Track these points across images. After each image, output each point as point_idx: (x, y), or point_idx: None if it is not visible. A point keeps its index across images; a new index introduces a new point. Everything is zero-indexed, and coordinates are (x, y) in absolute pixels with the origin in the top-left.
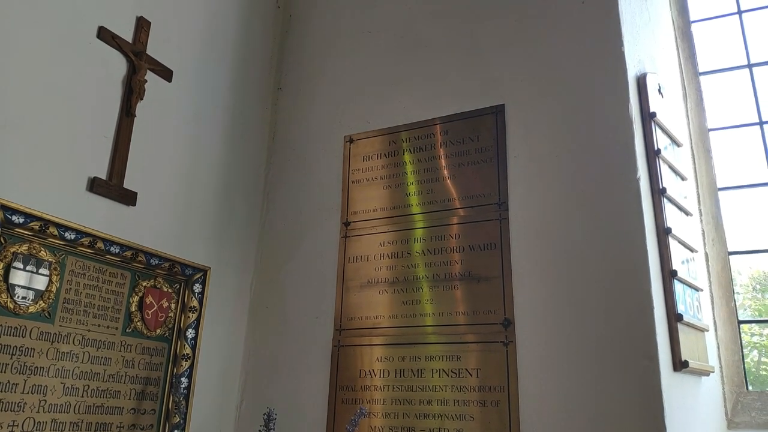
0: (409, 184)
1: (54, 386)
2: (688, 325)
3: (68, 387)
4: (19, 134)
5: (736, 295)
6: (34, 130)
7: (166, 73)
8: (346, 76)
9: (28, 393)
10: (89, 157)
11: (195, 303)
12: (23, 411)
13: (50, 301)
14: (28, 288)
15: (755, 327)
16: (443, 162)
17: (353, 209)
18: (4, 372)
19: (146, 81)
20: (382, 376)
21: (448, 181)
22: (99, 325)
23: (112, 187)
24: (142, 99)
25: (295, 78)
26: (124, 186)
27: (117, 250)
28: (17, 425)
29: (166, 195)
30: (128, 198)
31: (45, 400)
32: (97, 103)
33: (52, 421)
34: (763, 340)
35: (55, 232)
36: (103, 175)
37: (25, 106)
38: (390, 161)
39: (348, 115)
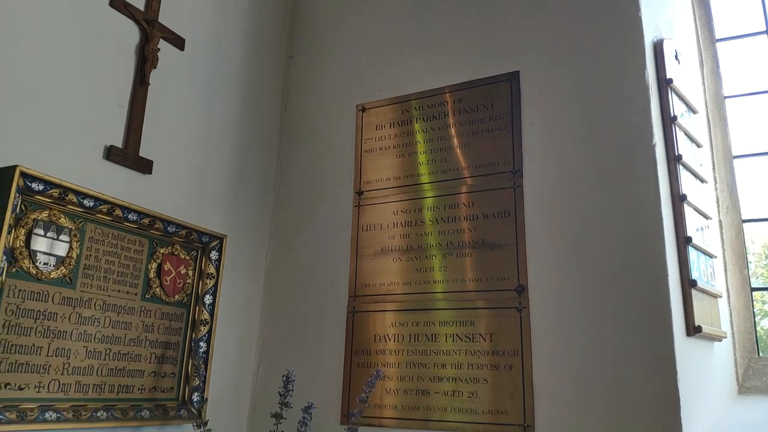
0: (422, 152)
1: (77, 350)
2: (702, 291)
3: (91, 350)
4: (36, 103)
5: (748, 263)
6: (51, 99)
7: (178, 42)
8: (359, 44)
9: (52, 356)
10: (105, 126)
11: (212, 270)
12: (48, 373)
13: (71, 267)
14: (50, 254)
15: (766, 295)
16: (457, 130)
17: (366, 178)
18: (29, 335)
19: (159, 49)
20: (396, 340)
21: (462, 149)
22: (119, 291)
23: (128, 155)
24: (155, 68)
25: (307, 46)
26: (140, 154)
27: (135, 218)
28: (43, 387)
29: (181, 164)
30: (144, 166)
31: (69, 363)
32: (111, 71)
33: (76, 383)
34: None
35: (74, 200)
36: (119, 144)
37: (42, 76)
38: (403, 130)
39: (360, 84)
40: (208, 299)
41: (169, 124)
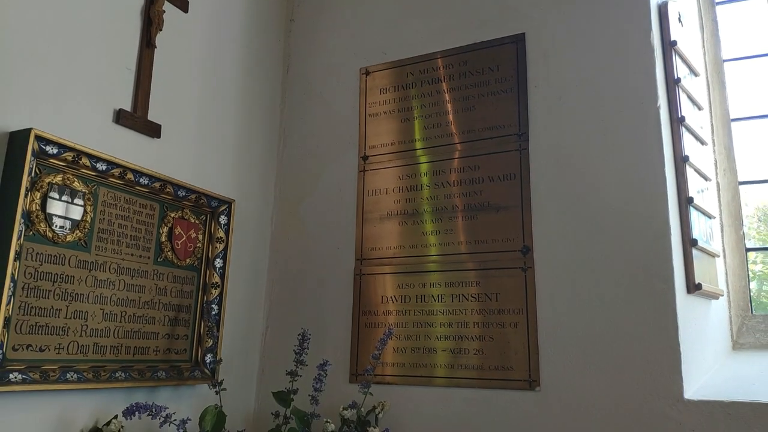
0: (427, 116)
1: (94, 312)
2: (702, 250)
3: (107, 313)
4: (46, 67)
5: (744, 227)
6: (60, 63)
7: (182, 3)
8: (361, 6)
9: (70, 318)
10: (114, 90)
11: (221, 234)
12: (67, 335)
13: (86, 230)
14: (65, 218)
15: (759, 256)
16: (463, 93)
17: (371, 143)
18: (48, 298)
19: (164, 11)
20: (403, 301)
21: (468, 112)
22: (132, 255)
23: (137, 119)
24: (161, 30)
25: (308, 8)
26: (149, 118)
27: (146, 182)
28: (63, 348)
29: (189, 128)
30: (153, 130)
31: (86, 325)
32: (117, 34)
33: (94, 345)
34: (766, 269)
35: (88, 163)
36: (128, 107)
37: (51, 41)
38: (407, 93)
39: (363, 47)
40: (218, 263)
41: (176, 87)
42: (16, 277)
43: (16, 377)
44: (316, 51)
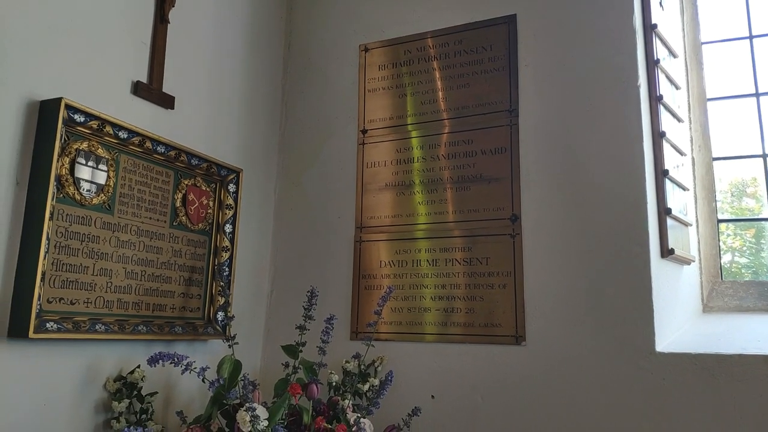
0: (423, 92)
1: (117, 270)
2: (675, 219)
3: (129, 271)
4: (71, 41)
5: (716, 200)
6: (83, 37)
7: None
8: None
9: (97, 275)
10: (131, 63)
11: (231, 201)
12: (94, 290)
13: (109, 194)
14: (91, 182)
15: (731, 227)
16: (457, 71)
17: (370, 117)
18: (77, 256)
19: None
20: (400, 265)
21: (462, 89)
22: (150, 218)
23: (153, 90)
24: (173, 6)
25: None
26: (163, 90)
27: (162, 150)
28: (90, 302)
29: (199, 101)
30: (167, 102)
31: (111, 282)
32: (134, 10)
33: (118, 301)
34: (735, 242)
35: (111, 131)
36: (144, 80)
37: (75, 16)
38: (405, 70)
39: (363, 25)
40: (228, 228)
41: (187, 61)
42: (49, 236)
43: (52, 326)
44: (316, 28)
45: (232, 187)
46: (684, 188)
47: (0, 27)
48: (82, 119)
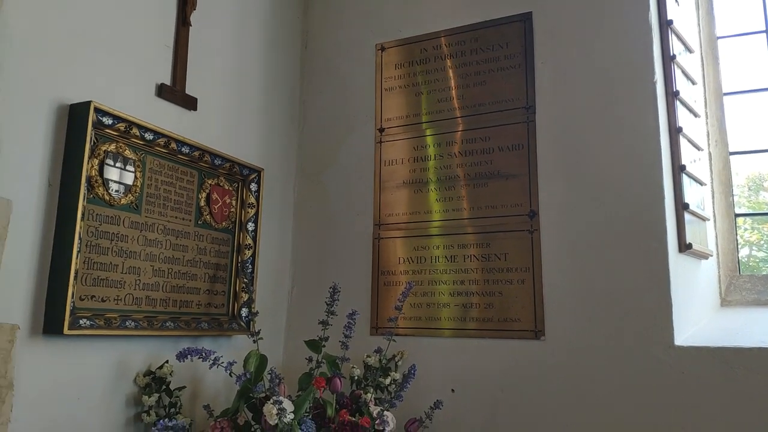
0: (440, 90)
1: (145, 268)
2: (693, 213)
3: (156, 269)
4: (98, 46)
5: (733, 195)
6: (110, 41)
7: None
8: None
9: (126, 273)
10: (155, 65)
11: (252, 200)
12: (124, 288)
13: (136, 194)
14: (119, 182)
15: (748, 221)
16: (474, 69)
17: (387, 116)
18: (107, 255)
19: None
20: (418, 262)
21: (479, 87)
22: (176, 217)
23: (176, 92)
24: (195, 9)
25: None
26: (186, 92)
27: (187, 150)
28: (120, 299)
29: (220, 101)
30: (190, 103)
31: (139, 280)
32: (157, 13)
33: (146, 298)
34: (753, 237)
35: (137, 133)
36: (168, 82)
37: (102, 22)
38: (422, 69)
39: (379, 24)
40: (250, 226)
41: (208, 63)
42: (81, 236)
43: (85, 323)
44: (334, 28)
45: (253, 186)
46: (701, 183)
47: (31, 35)
48: (110, 122)
